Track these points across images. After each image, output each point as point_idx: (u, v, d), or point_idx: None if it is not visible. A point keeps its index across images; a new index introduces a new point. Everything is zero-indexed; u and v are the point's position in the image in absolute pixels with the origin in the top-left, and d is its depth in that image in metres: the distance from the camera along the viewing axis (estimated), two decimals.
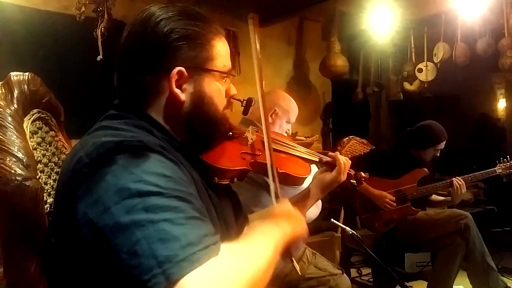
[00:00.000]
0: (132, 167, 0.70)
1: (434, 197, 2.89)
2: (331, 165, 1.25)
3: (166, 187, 0.69)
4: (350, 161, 1.26)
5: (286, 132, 1.94)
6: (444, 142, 2.78)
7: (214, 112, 0.94)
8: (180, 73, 0.88)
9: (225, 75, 0.96)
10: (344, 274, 1.85)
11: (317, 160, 1.25)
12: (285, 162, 1.17)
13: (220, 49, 0.94)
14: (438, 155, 2.82)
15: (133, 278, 0.62)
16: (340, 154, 1.28)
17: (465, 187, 2.66)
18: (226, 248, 0.68)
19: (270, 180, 1.01)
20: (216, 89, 0.94)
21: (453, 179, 2.66)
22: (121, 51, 0.92)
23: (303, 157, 1.22)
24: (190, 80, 0.90)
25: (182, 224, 0.65)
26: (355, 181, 1.33)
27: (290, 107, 1.91)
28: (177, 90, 0.89)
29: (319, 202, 1.78)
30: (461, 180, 2.65)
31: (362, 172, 1.34)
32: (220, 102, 0.96)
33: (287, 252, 0.91)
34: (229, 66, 0.98)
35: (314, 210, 1.87)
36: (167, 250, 0.62)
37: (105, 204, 0.67)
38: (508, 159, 2.72)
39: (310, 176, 1.28)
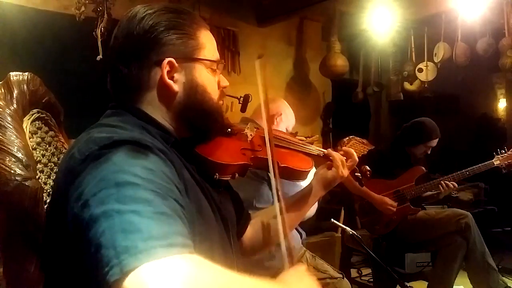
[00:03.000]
0: (116, 159, 0.69)
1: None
2: (330, 160, 1.24)
3: (144, 178, 0.67)
4: (355, 157, 1.24)
5: None
6: (436, 140, 2.77)
7: (208, 101, 0.95)
8: (170, 63, 0.89)
9: (215, 65, 0.97)
10: (345, 279, 1.85)
11: (319, 155, 1.24)
12: (286, 157, 1.16)
13: (206, 40, 0.96)
14: (429, 152, 2.81)
15: (97, 271, 0.60)
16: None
17: (454, 185, 2.66)
18: (206, 263, 0.61)
19: (271, 175, 1.01)
20: (207, 78, 0.95)
21: (441, 181, 2.66)
22: (110, 51, 0.94)
23: (305, 152, 1.22)
24: (180, 70, 0.91)
25: (150, 218, 0.62)
26: (360, 174, 1.32)
27: (292, 114, 2.10)
28: (169, 81, 0.90)
29: None
30: (448, 183, 2.65)
31: (367, 166, 1.33)
32: (213, 91, 0.97)
33: None
34: (218, 56, 0.98)
35: (311, 208, 1.88)
36: (127, 241, 0.59)
37: (86, 197, 0.67)
38: (506, 150, 2.70)
39: (312, 173, 1.28)
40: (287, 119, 2.06)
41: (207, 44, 0.95)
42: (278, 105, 2.05)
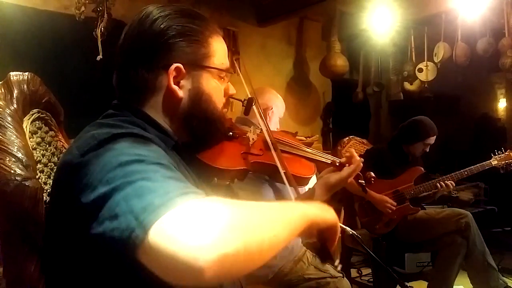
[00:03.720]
0: (117, 147, 0.70)
1: None
2: (338, 165, 1.23)
3: (147, 155, 0.68)
4: (361, 164, 1.21)
5: (276, 128, 2.00)
6: (434, 138, 2.78)
7: (212, 110, 0.94)
8: (178, 69, 0.89)
9: (223, 73, 0.96)
10: (345, 278, 1.85)
11: (323, 160, 1.23)
12: (289, 163, 1.15)
13: (217, 47, 0.95)
14: (427, 150, 2.82)
15: (116, 241, 0.59)
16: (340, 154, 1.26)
17: (452, 185, 2.67)
18: (220, 199, 0.61)
19: (285, 181, 0.99)
20: (214, 87, 0.94)
21: (440, 181, 2.67)
22: (119, 50, 0.93)
23: (307, 157, 1.21)
24: (187, 76, 0.91)
25: (161, 181, 0.63)
26: (363, 181, 1.30)
27: (282, 102, 2.05)
28: (175, 87, 0.89)
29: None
30: (447, 182, 2.67)
31: (371, 172, 1.31)
32: (218, 100, 0.96)
33: (326, 252, 0.86)
34: (227, 64, 0.97)
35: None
36: (143, 202, 0.59)
37: (93, 184, 0.67)
38: (503, 150, 2.72)
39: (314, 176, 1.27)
40: (278, 110, 2.02)
41: (218, 51, 0.94)
42: (267, 98, 1.99)
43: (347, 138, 3.21)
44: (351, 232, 1.60)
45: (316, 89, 4.91)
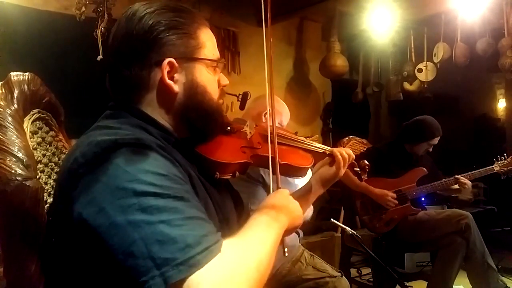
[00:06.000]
0: (127, 166, 0.70)
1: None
2: (332, 156, 1.25)
3: (162, 185, 0.68)
4: (352, 153, 1.26)
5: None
6: (438, 138, 2.77)
7: (208, 101, 0.94)
8: (170, 64, 0.88)
9: (215, 63, 0.96)
10: (344, 277, 1.85)
11: (319, 151, 1.25)
12: (286, 154, 1.17)
13: (207, 39, 0.95)
14: (431, 150, 2.82)
15: (131, 279, 0.62)
16: None
17: (467, 183, 2.67)
18: (227, 245, 0.68)
19: (270, 171, 1.01)
20: (208, 78, 0.94)
21: (456, 177, 2.67)
22: (109, 51, 0.93)
23: (305, 148, 1.23)
24: (181, 70, 0.90)
25: (180, 226, 0.65)
26: (359, 169, 1.32)
27: (283, 110, 1.98)
28: (169, 82, 0.89)
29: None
30: (464, 180, 2.67)
31: (365, 161, 1.33)
32: (213, 91, 0.96)
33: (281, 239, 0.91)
34: (218, 55, 0.98)
35: (309, 211, 1.87)
36: (165, 252, 0.62)
37: (100, 203, 0.67)
38: (506, 156, 2.72)
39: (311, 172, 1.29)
40: (277, 114, 1.92)
41: (208, 43, 0.94)
42: (264, 101, 1.93)
43: (347, 138, 3.22)
44: (351, 232, 1.62)
45: (316, 89, 4.91)
